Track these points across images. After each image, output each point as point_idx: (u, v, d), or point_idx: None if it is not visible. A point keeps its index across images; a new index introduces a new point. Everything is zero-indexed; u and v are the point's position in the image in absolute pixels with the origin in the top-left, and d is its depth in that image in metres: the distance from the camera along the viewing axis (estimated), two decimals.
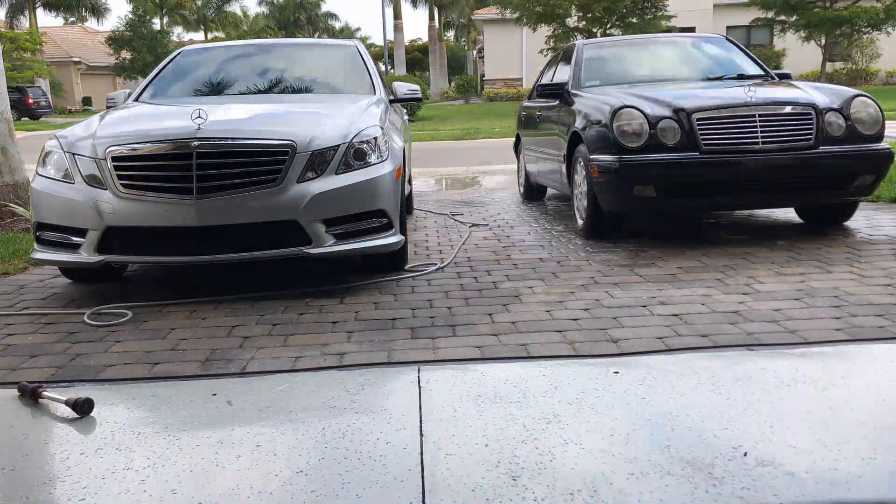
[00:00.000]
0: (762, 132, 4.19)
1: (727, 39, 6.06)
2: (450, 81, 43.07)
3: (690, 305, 3.14)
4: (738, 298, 3.21)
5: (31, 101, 31.55)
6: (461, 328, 2.96)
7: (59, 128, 8.40)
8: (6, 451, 1.99)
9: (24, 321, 3.30)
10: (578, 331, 2.87)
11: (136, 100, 4.69)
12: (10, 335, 3.10)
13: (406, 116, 6.69)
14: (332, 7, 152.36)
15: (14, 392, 2.37)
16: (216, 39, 43.49)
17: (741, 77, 5.36)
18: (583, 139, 4.66)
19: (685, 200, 4.35)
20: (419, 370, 2.47)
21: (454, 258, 4.34)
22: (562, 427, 1.98)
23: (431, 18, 42.22)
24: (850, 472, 1.69)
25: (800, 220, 5.06)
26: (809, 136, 4.22)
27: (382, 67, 34.31)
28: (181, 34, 49.42)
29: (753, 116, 4.20)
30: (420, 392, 2.27)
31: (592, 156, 4.45)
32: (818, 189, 4.37)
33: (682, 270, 3.78)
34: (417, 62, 51.50)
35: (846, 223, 4.82)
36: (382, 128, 3.83)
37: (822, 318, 2.89)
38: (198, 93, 4.82)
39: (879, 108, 4.37)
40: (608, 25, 23.34)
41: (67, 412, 2.19)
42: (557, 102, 5.54)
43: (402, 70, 39.37)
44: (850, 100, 4.37)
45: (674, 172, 4.22)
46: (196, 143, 3.35)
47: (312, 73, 5.09)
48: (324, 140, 3.54)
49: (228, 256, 3.47)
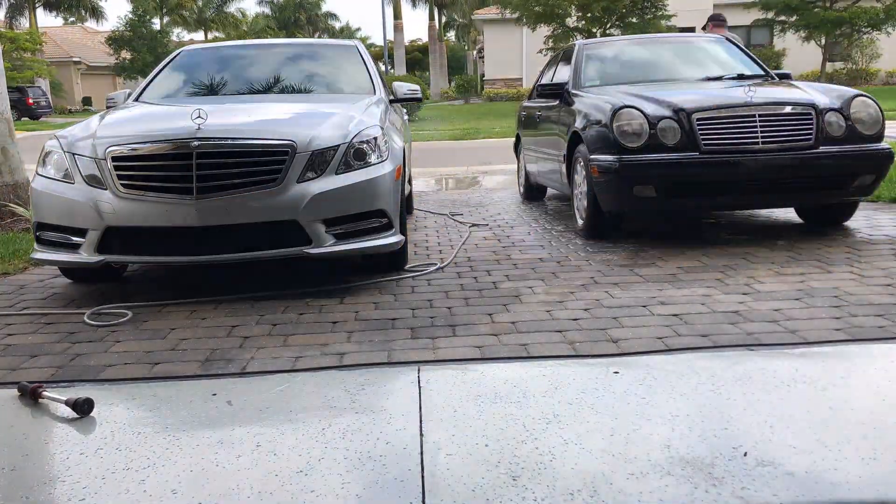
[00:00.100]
0: (762, 132, 4.19)
1: (727, 39, 6.07)
2: (450, 81, 43.07)
3: (690, 305, 3.14)
4: (738, 298, 3.21)
5: (31, 101, 31.56)
6: (461, 328, 2.96)
7: (59, 128, 8.40)
8: (6, 451, 1.99)
9: (24, 321, 3.31)
10: (578, 331, 2.87)
11: (136, 100, 4.69)
12: (10, 335, 3.10)
13: (406, 116, 6.69)
14: (332, 7, 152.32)
15: (14, 392, 2.37)
16: (216, 39, 43.48)
17: (741, 77, 5.36)
18: (583, 139, 4.66)
19: (685, 200, 4.35)
20: (419, 370, 2.47)
21: (454, 258, 4.34)
22: (562, 427, 1.98)
23: (431, 18, 42.23)
24: (850, 472, 1.69)
25: (800, 220, 5.06)
26: (809, 136, 4.22)
27: (382, 67, 34.31)
28: (181, 34, 49.47)
29: (753, 116, 4.20)
30: (420, 392, 2.27)
31: (592, 156, 4.45)
32: (818, 189, 4.37)
33: (682, 270, 3.78)
34: (417, 62, 51.50)
35: (846, 223, 4.82)
36: (382, 128, 3.83)
37: (822, 318, 2.89)
38: (198, 93, 4.82)
39: (879, 108, 4.37)
40: (608, 25, 23.34)
41: (67, 412, 2.19)
42: (557, 102, 5.54)
43: (402, 70, 39.37)
44: (850, 100, 4.37)
45: (674, 172, 4.22)
46: (196, 143, 3.35)
47: (312, 73, 5.09)
48: (324, 140, 3.54)
49: (228, 256, 3.47)
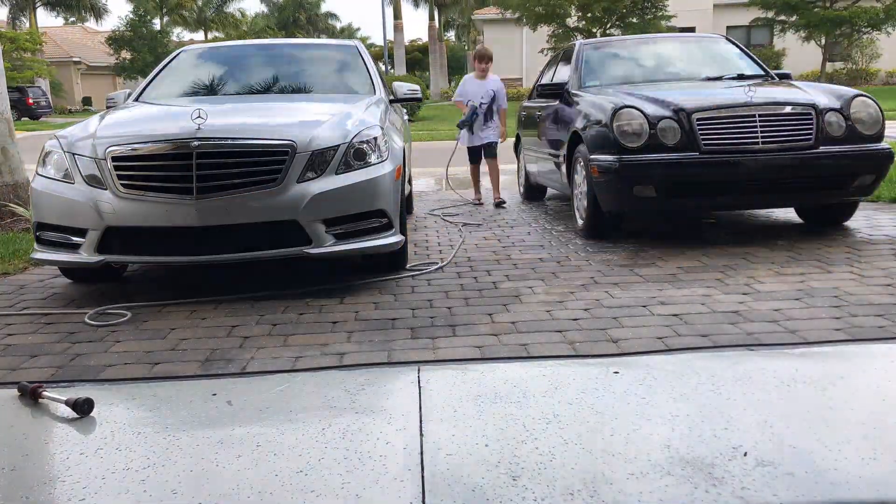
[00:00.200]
0: (762, 132, 4.18)
1: (727, 39, 6.07)
2: (450, 81, 43.06)
3: (690, 305, 3.14)
4: (738, 298, 3.21)
5: (31, 101, 31.57)
6: (461, 328, 2.96)
7: (59, 128, 8.39)
8: (6, 451, 1.99)
9: (24, 321, 3.30)
10: (578, 331, 2.86)
11: (137, 100, 4.69)
12: (10, 335, 3.10)
13: (406, 116, 6.69)
14: (332, 7, 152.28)
15: (14, 392, 2.37)
16: (216, 39, 43.47)
17: (741, 77, 5.36)
18: (583, 139, 4.67)
19: (685, 200, 4.35)
20: (419, 370, 2.47)
21: (453, 258, 4.34)
22: (562, 427, 1.98)
23: (431, 18, 42.20)
24: (850, 472, 1.69)
25: (800, 220, 5.06)
26: (809, 136, 4.22)
27: (382, 67, 34.30)
28: (181, 34, 49.46)
29: (753, 116, 4.20)
30: (420, 392, 2.26)
31: (592, 156, 4.45)
32: (818, 189, 4.37)
33: (682, 270, 3.78)
34: (417, 62, 51.47)
35: (846, 223, 4.82)
36: (382, 128, 3.83)
37: (822, 318, 2.89)
38: (198, 93, 4.82)
39: (879, 108, 4.37)
40: (608, 25, 23.35)
41: (67, 412, 2.19)
42: (558, 102, 5.55)
43: (402, 70, 39.34)
44: (850, 100, 4.37)
45: (674, 172, 4.22)
46: (196, 143, 3.35)
47: (312, 73, 5.09)
48: (324, 140, 3.54)
49: (228, 256, 3.47)
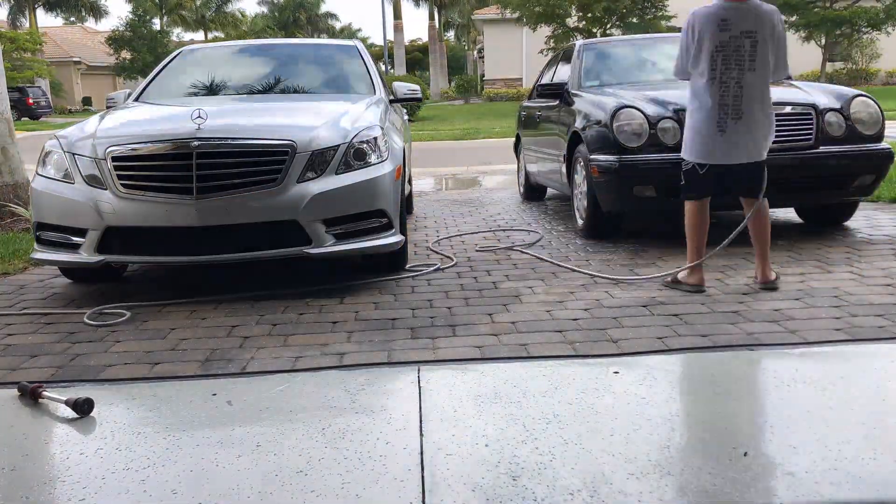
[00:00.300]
0: None
1: None
2: (450, 81, 43.07)
3: (690, 305, 3.14)
4: (738, 298, 3.22)
5: (31, 101, 31.58)
6: (461, 328, 2.96)
7: (59, 128, 8.39)
8: (6, 451, 1.99)
9: (24, 321, 3.30)
10: (578, 331, 2.86)
11: (136, 100, 4.69)
12: (10, 335, 3.10)
13: (406, 116, 6.69)
14: (332, 7, 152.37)
15: (14, 392, 2.37)
16: (216, 39, 43.48)
17: None
18: (583, 139, 4.66)
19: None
20: (419, 370, 2.47)
21: (453, 258, 4.33)
22: (562, 427, 1.98)
23: (431, 18, 42.21)
24: (850, 472, 1.69)
25: (800, 220, 5.06)
26: (809, 136, 4.21)
27: (382, 67, 34.32)
28: (181, 34, 49.46)
29: None
30: (420, 392, 2.27)
31: (592, 156, 4.45)
32: (818, 189, 4.37)
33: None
34: (417, 62, 51.49)
35: (846, 223, 4.82)
36: (382, 128, 3.83)
37: (822, 318, 2.89)
38: (198, 93, 4.82)
39: (879, 108, 4.37)
40: (608, 25, 23.33)
41: (67, 412, 2.19)
42: (557, 102, 5.54)
43: (402, 70, 39.34)
44: (850, 100, 4.37)
45: (674, 172, 4.21)
46: (196, 143, 3.35)
47: (312, 73, 5.09)
48: (324, 140, 3.54)
49: (228, 256, 3.47)
